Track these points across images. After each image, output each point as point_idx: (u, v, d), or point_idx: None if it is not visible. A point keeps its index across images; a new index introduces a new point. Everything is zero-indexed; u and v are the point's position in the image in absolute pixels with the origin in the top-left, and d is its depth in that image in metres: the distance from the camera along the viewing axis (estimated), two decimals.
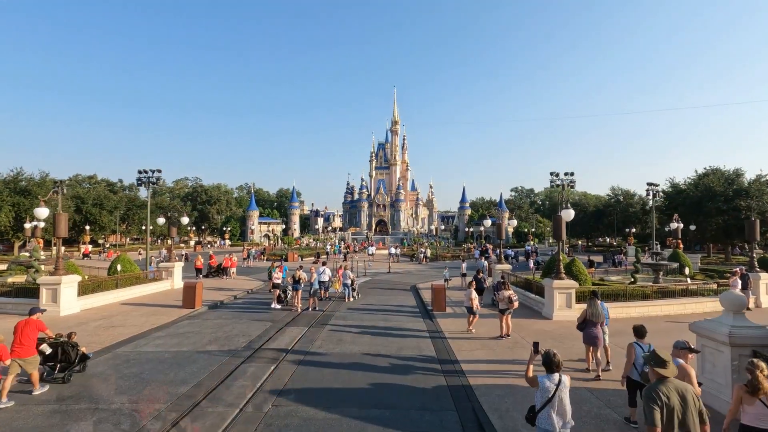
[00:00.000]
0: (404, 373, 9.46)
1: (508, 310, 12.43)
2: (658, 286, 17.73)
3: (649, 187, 30.30)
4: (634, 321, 15.16)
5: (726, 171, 40.83)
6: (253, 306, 18.24)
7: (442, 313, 16.41)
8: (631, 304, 16.04)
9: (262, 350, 11.18)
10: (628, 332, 8.66)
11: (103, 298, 17.88)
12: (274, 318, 15.54)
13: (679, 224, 30.06)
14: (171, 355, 10.65)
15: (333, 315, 16.28)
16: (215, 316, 15.82)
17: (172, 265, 23.15)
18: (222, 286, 24.16)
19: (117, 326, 13.84)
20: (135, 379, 8.93)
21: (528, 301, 17.87)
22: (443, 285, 18.22)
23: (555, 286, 15.12)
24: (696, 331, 7.95)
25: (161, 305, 17.62)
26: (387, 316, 16.23)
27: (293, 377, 9.13)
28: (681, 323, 14.58)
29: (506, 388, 8.43)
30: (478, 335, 12.88)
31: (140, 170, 24.79)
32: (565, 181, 25.48)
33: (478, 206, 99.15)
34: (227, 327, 13.94)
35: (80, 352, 9.06)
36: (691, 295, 17.41)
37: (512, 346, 11.59)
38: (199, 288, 17.30)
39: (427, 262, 44.78)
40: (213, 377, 9.04)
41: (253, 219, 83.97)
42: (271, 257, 44.08)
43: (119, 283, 19.41)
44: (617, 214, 64.53)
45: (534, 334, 12.93)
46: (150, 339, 12.36)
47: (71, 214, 52.38)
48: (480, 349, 11.37)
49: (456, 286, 24.38)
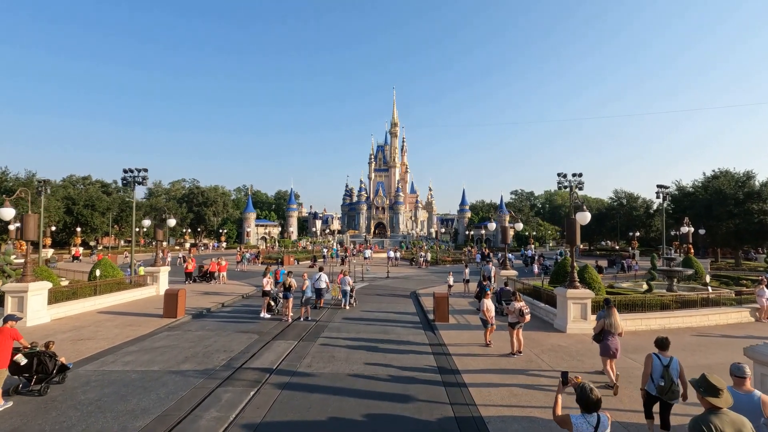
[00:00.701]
0: (404, 400, 8.16)
1: (518, 324, 11.14)
2: (676, 295, 16.45)
3: (659, 189, 29.09)
4: (655, 334, 13.93)
5: (736, 173, 39.66)
6: (240, 315, 16.92)
7: (445, 324, 15.13)
8: (650, 315, 14.77)
9: (242, 370, 9.87)
10: (650, 348, 7.82)
11: (79, 306, 16.56)
12: (262, 329, 14.23)
13: (690, 228, 28.82)
14: (138, 376, 9.34)
15: (326, 326, 14.98)
16: (197, 327, 14.50)
17: (157, 269, 21.80)
18: (211, 292, 22.86)
19: (86, 339, 12.52)
20: (89, 408, 7.61)
21: (537, 310, 16.58)
22: (446, 293, 16.92)
23: (569, 295, 13.82)
24: (755, 357, 6.59)
25: (141, 314, 16.30)
26: (385, 327, 14.93)
27: (275, 406, 7.82)
28: (709, 337, 13.35)
29: (525, 422, 7.15)
30: (486, 352, 11.59)
31: (126, 169, 23.52)
32: (574, 182, 24.36)
33: (478, 209, 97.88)
34: (208, 340, 12.62)
35: (58, 363, 8.57)
36: (713, 305, 16.16)
37: (526, 366, 10.30)
38: (182, 296, 15.99)
39: (427, 266, 43.50)
40: (181, 405, 7.73)
41: (250, 221, 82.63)
42: (266, 261, 42.74)
43: (98, 289, 18.08)
44: (620, 218, 63.32)
45: (548, 351, 11.67)
46: (120, 355, 11.03)
47: (61, 216, 51.09)
48: (490, 368, 10.07)
49: (458, 293, 23.09)
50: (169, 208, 71.35)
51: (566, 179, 24.36)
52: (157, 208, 65.32)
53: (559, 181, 24.31)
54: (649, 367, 6.33)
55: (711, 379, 3.97)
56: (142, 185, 23.48)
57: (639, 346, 12.05)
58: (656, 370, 6.23)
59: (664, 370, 6.19)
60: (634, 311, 14.95)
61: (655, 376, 6.23)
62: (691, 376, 8.38)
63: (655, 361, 6.28)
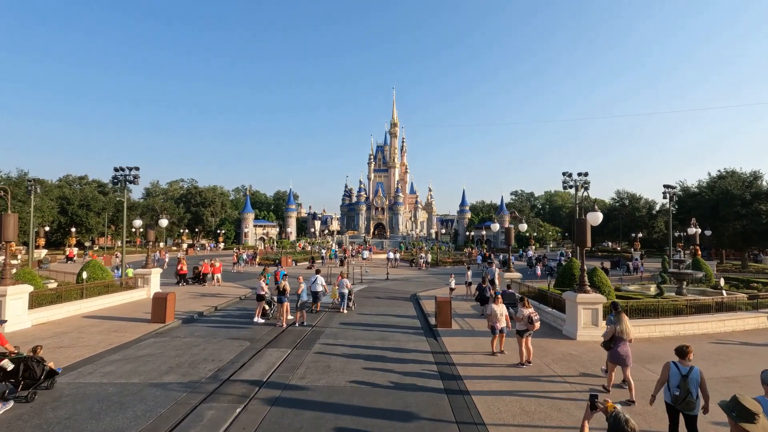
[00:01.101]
0: (405, 418, 7.40)
1: (527, 332, 10.39)
2: (691, 300, 15.71)
3: (666, 189, 28.35)
4: (670, 341, 13.26)
5: (742, 174, 38.90)
6: (233, 320, 16.15)
7: (448, 330, 14.38)
8: (664, 321, 14.02)
9: (230, 383, 9.09)
10: (667, 357, 7.52)
11: (64, 311, 15.78)
12: (255, 336, 13.46)
13: (697, 229, 28.08)
14: (116, 390, 8.57)
15: (323, 332, 14.22)
16: (186, 333, 13.73)
17: (148, 271, 21.01)
18: (205, 294, 22.09)
19: (66, 347, 11.75)
20: (56, 428, 6.85)
21: (544, 315, 15.81)
22: (448, 297, 16.16)
23: (579, 300, 13.05)
24: None
25: (128, 319, 15.53)
26: (384, 333, 14.17)
27: (263, 425, 7.06)
28: (728, 345, 12.59)
29: None
30: (493, 361, 10.83)
31: (117, 168, 22.72)
32: (579, 182, 23.62)
33: (478, 210, 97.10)
34: (196, 348, 11.85)
35: (47, 368, 8.32)
36: (728, 310, 15.41)
37: (537, 376, 9.54)
38: (171, 299, 15.21)
39: (427, 267, 42.74)
40: (158, 425, 6.97)
41: (248, 221, 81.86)
42: (263, 261, 41.95)
43: (85, 292, 17.30)
44: (622, 219, 62.57)
45: (559, 360, 10.92)
46: (99, 365, 10.26)
47: (55, 216, 50.25)
48: (498, 380, 9.31)
49: (460, 295, 22.34)
50: (166, 209, 70.90)
51: (571, 179, 23.59)
52: (152, 208, 64.54)
53: (564, 180, 23.52)
54: (665, 375, 6.05)
55: (745, 402, 3.45)
56: (134, 184, 22.67)
57: (655, 354, 11.32)
58: (673, 378, 5.93)
59: (681, 379, 5.87)
60: (646, 316, 14.21)
61: (672, 385, 5.94)
62: (714, 389, 7.73)
63: (673, 369, 5.98)
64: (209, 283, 26.25)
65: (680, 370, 5.93)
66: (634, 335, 8.85)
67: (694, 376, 5.88)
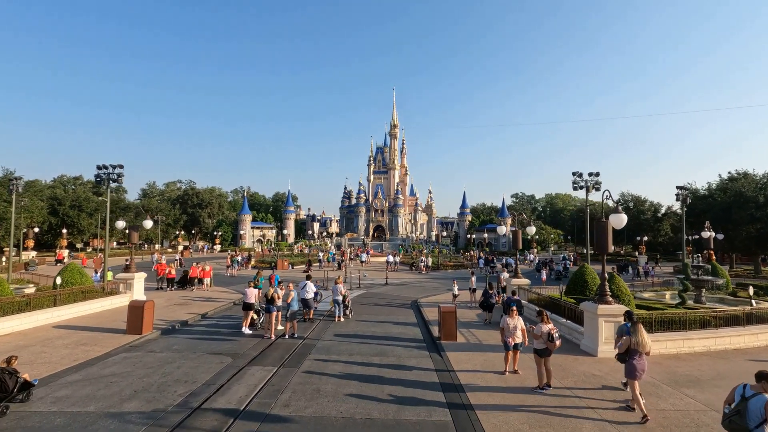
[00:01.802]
0: None
1: (547, 351, 9.04)
2: (721, 310, 14.39)
3: (679, 190, 27.08)
4: (702, 358, 11.79)
5: (755, 175, 37.60)
6: (218, 330, 14.80)
7: (453, 344, 13.03)
8: (692, 334, 12.68)
9: (200, 412, 7.73)
10: (707, 379, 6.21)
11: (33, 320, 14.44)
12: (238, 350, 12.11)
13: (711, 233, 26.79)
14: (64, 422, 7.23)
15: (315, 345, 12.87)
16: (163, 347, 12.37)
17: (131, 275, 19.65)
18: (193, 300, 20.75)
19: (23, 363, 10.30)
20: None
21: (558, 328, 14.31)
22: (453, 307, 14.79)
23: (600, 312, 11.70)
24: None
25: (102, 329, 14.18)
26: (383, 347, 12.82)
27: None
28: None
29: None
30: (507, 384, 9.47)
31: (99, 165, 21.40)
32: (590, 182, 22.33)
33: (478, 212, 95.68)
34: (170, 366, 10.50)
35: (20, 380, 7.79)
36: (759, 322, 14.08)
37: (561, 407, 8.14)
38: (149, 308, 13.85)
39: (428, 271, 41.39)
40: None
41: (245, 223, 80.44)
42: (258, 264, 40.58)
43: (58, 299, 15.96)
44: (627, 222, 61.18)
45: (581, 382, 9.59)
46: (54, 387, 8.92)
47: (45, 217, 48.88)
48: (516, 411, 7.92)
49: (464, 302, 21.03)
50: (161, 210, 69.55)
51: (582, 179, 22.31)
52: (147, 209, 63.18)
53: (574, 180, 22.25)
54: (731, 395, 5.45)
55: None
56: (117, 183, 21.35)
57: (691, 376, 9.98)
58: (735, 396, 5.35)
59: (741, 401, 5.18)
60: (671, 329, 12.87)
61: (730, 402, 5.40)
62: None
63: (739, 389, 5.34)
64: (198, 288, 24.90)
65: (745, 391, 5.24)
66: (652, 349, 8.21)
67: (758, 404, 4.92)
